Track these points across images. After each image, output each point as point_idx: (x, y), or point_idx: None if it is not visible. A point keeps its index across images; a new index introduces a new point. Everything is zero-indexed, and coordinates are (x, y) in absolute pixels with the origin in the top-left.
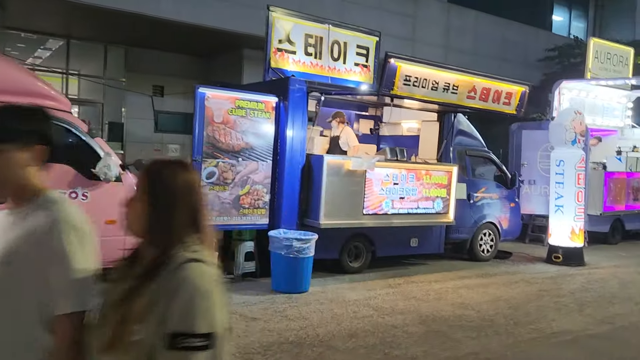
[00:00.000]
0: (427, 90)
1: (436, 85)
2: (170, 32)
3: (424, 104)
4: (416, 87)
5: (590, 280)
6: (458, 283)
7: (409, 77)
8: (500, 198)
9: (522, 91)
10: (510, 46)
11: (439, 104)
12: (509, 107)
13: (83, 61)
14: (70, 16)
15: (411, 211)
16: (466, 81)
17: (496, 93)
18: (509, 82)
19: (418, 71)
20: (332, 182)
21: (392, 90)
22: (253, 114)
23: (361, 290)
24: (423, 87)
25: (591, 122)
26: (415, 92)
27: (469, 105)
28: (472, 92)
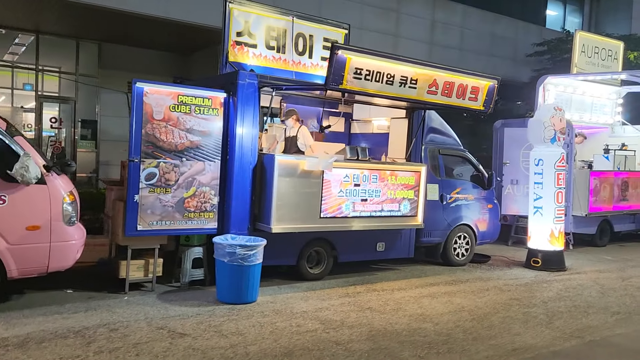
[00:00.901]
0: (381, 85)
1: (391, 78)
2: (145, 27)
3: (383, 100)
4: (368, 81)
5: (567, 287)
6: (423, 291)
7: (360, 70)
8: (476, 199)
9: (490, 85)
10: (499, 42)
11: (394, 99)
12: (475, 102)
13: (54, 57)
14: (38, 10)
15: (375, 214)
16: (426, 75)
17: (460, 88)
18: (474, 76)
19: (370, 63)
20: (284, 184)
21: (342, 85)
22: (199, 110)
23: (314, 300)
24: (376, 81)
25: (579, 119)
26: (367, 86)
27: (431, 101)
28: (433, 87)
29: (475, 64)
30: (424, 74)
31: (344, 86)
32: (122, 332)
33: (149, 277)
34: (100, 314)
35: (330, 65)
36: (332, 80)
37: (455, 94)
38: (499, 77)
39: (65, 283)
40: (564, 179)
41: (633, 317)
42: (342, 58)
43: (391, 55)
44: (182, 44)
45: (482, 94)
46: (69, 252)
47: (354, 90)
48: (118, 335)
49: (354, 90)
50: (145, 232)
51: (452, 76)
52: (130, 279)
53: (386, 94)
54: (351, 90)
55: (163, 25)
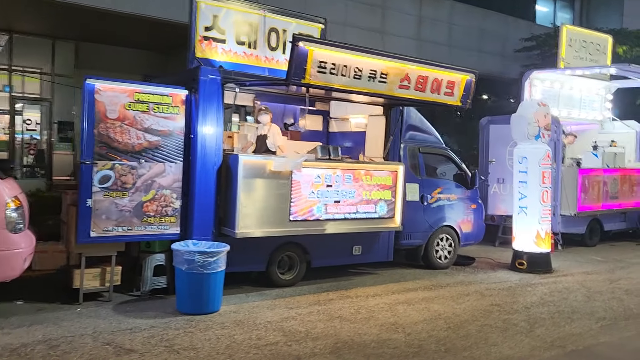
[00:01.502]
0: (348, 79)
1: (359, 72)
2: (123, 25)
3: (356, 96)
4: (334, 75)
5: (552, 290)
6: (400, 297)
7: (324, 63)
8: (459, 199)
9: (467, 79)
10: (488, 37)
11: (363, 94)
12: (452, 98)
13: (28, 57)
14: (11, 9)
15: (349, 216)
16: (397, 68)
17: (435, 82)
18: (450, 70)
19: (335, 57)
20: (250, 186)
21: (304, 79)
22: (158, 108)
23: (282, 308)
24: (343, 75)
25: (567, 115)
26: (333, 81)
27: (403, 96)
28: (405, 81)
29: (464, 60)
30: (394, 68)
31: (307, 81)
32: (62, 349)
33: (106, 286)
34: (45, 328)
35: (291, 58)
36: (294, 75)
37: (429, 89)
38: (477, 71)
39: (18, 293)
40: (549, 177)
41: (619, 322)
42: (304, 51)
43: (358, 47)
44: (160, 41)
45: (459, 89)
46: (15, 262)
47: (318, 86)
48: (57, 353)
49: (319, 86)
50: (99, 239)
51: (425, 70)
52: (85, 288)
53: (354, 89)
54: (315, 86)
55: (140, 23)
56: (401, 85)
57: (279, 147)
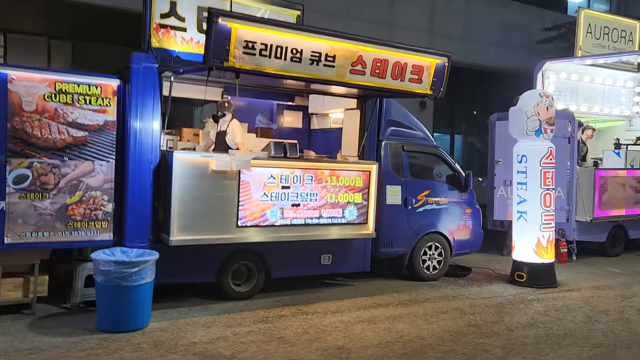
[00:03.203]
0: (285, 62)
1: (298, 54)
2: (118, 22)
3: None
4: (265, 58)
5: (549, 309)
6: (364, 314)
7: (252, 43)
8: (452, 203)
9: (439, 64)
10: (509, 30)
11: (305, 81)
12: (420, 85)
13: (24, 57)
14: (5, 7)
15: (311, 221)
16: (346, 50)
17: (397, 66)
18: (415, 52)
19: (266, 36)
20: (188, 187)
21: (227, 62)
22: (84, 100)
23: (219, 326)
24: (277, 58)
25: (587, 110)
26: (264, 64)
27: (356, 83)
28: (358, 65)
29: (483, 55)
30: (344, 49)
31: (231, 64)
32: None
33: (30, 297)
34: None
35: (208, 37)
36: (214, 57)
37: (390, 74)
38: (450, 54)
39: None
40: (552, 179)
41: (617, 351)
42: (225, 28)
43: (293, 25)
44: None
45: (429, 75)
46: None
47: (246, 70)
48: None
49: (247, 70)
50: (15, 246)
51: (383, 52)
52: (4, 300)
53: (292, 74)
54: (242, 70)
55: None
56: (354, 70)
57: (238, 144)
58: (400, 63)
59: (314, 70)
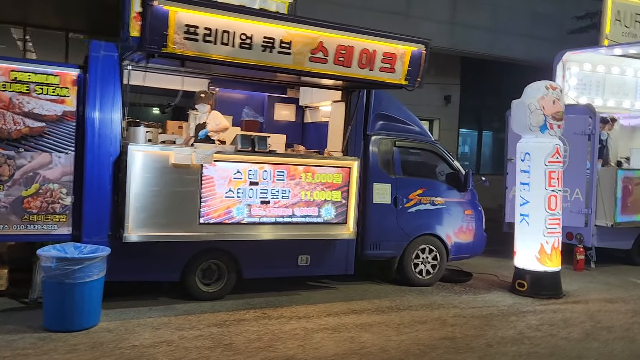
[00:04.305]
0: (233, 49)
1: (248, 40)
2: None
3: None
4: (210, 43)
5: (543, 322)
6: (331, 321)
7: (194, 27)
8: (449, 203)
9: (414, 52)
10: (540, 20)
11: (258, 69)
12: (393, 74)
13: (42, 51)
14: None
15: (282, 220)
16: (305, 36)
17: (365, 54)
18: (386, 39)
19: (210, 20)
20: (145, 181)
21: (165, 48)
22: (41, 90)
23: (170, 328)
24: (224, 44)
25: (615, 105)
26: (210, 50)
27: (318, 72)
28: (318, 52)
29: (512, 47)
30: (301, 35)
31: (170, 50)
32: None
33: None
34: None
35: (144, 20)
36: (150, 42)
37: (356, 63)
38: (428, 40)
39: None
40: (559, 179)
41: None
42: (162, 11)
43: (240, 8)
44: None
45: (403, 64)
46: None
47: (187, 56)
48: None
49: (189, 56)
50: None
51: (348, 38)
52: None
53: (242, 61)
54: (184, 56)
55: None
56: (314, 58)
57: (221, 126)
58: (368, 50)
59: (267, 57)
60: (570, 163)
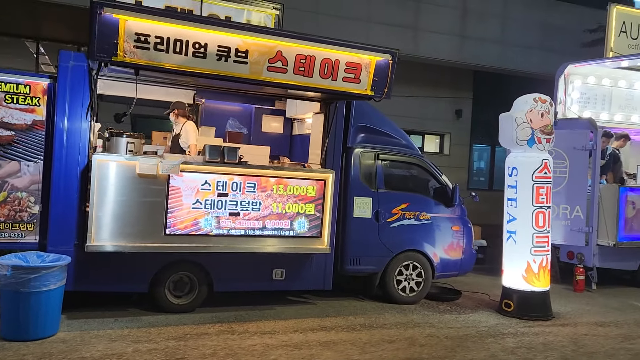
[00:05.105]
0: (186, 57)
1: (202, 49)
2: None
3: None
4: (162, 52)
5: (521, 346)
6: (296, 338)
7: (145, 36)
8: (436, 219)
9: (380, 62)
10: (554, 32)
11: (210, 77)
12: (358, 85)
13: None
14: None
15: (252, 232)
16: (262, 45)
17: (327, 64)
18: (348, 48)
19: (162, 28)
20: (109, 191)
21: (116, 57)
22: (11, 99)
23: (126, 341)
24: (177, 52)
25: (624, 120)
26: (162, 59)
27: (275, 81)
28: (277, 62)
29: (524, 60)
30: (258, 44)
31: (120, 58)
32: None
33: None
34: None
35: (92, 29)
36: (99, 51)
37: (318, 73)
38: (396, 50)
39: None
40: (547, 195)
41: None
42: (111, 20)
43: (193, 16)
44: None
45: (368, 74)
46: None
47: (139, 65)
48: None
49: (140, 65)
50: None
51: (308, 47)
52: None
53: (196, 70)
54: (135, 65)
55: None
56: (272, 67)
57: (190, 146)
58: (330, 60)
59: (223, 66)
60: (570, 179)
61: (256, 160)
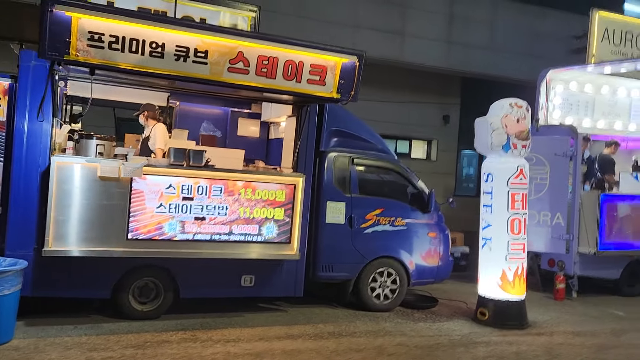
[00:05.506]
0: (143, 57)
1: (159, 49)
2: None
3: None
4: (117, 51)
5: (491, 356)
6: (259, 346)
7: (99, 35)
8: (411, 225)
9: (346, 64)
10: (542, 39)
11: (168, 78)
12: (323, 87)
13: None
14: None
15: (218, 238)
16: (222, 45)
17: (290, 65)
18: (313, 50)
19: (117, 27)
20: (69, 194)
21: (68, 55)
22: None
23: (82, 349)
24: (133, 52)
25: (606, 127)
26: (117, 58)
27: (237, 83)
28: (238, 63)
29: (512, 66)
30: (218, 45)
31: (72, 57)
32: None
33: None
34: None
35: (42, 26)
36: (51, 49)
37: (282, 74)
38: (363, 52)
39: None
40: (523, 202)
41: None
42: (63, 17)
43: (149, 15)
44: None
45: (334, 76)
46: None
47: (93, 64)
48: None
49: (95, 64)
50: None
51: (270, 48)
52: None
53: (154, 70)
54: (89, 64)
55: None
56: (233, 68)
57: (157, 149)
58: (293, 61)
59: (181, 67)
60: (550, 186)
61: (230, 163)
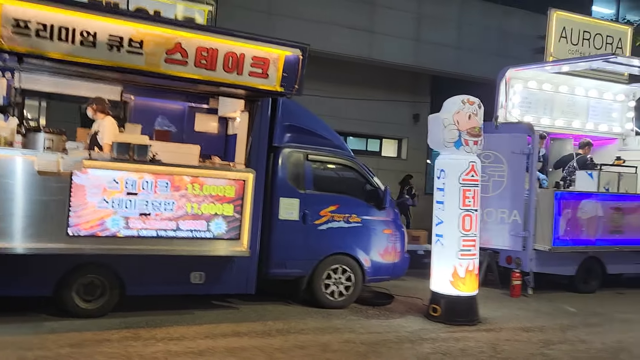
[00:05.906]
0: (73, 46)
1: (91, 38)
2: None
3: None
4: (46, 40)
5: (436, 352)
6: (204, 344)
7: (25, 22)
8: (367, 221)
9: (289, 57)
10: (510, 38)
11: (101, 68)
12: (266, 80)
13: None
14: None
15: (164, 234)
16: (158, 35)
17: (231, 57)
18: (255, 42)
19: (44, 14)
20: (5, 187)
21: None
22: None
23: (16, 349)
24: (62, 40)
25: (565, 125)
26: (45, 47)
27: (174, 74)
28: (176, 54)
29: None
30: (154, 35)
31: None
32: None
33: None
34: None
35: None
36: None
37: (222, 66)
38: (306, 45)
39: None
40: (475, 198)
41: None
42: None
43: (78, 2)
44: None
45: (277, 69)
46: None
47: (21, 53)
48: None
49: (22, 53)
50: None
51: (210, 39)
52: None
53: (85, 60)
54: (15, 52)
55: None
56: (170, 60)
57: (104, 144)
58: (234, 53)
59: (116, 57)
60: (508, 183)
61: (184, 159)
